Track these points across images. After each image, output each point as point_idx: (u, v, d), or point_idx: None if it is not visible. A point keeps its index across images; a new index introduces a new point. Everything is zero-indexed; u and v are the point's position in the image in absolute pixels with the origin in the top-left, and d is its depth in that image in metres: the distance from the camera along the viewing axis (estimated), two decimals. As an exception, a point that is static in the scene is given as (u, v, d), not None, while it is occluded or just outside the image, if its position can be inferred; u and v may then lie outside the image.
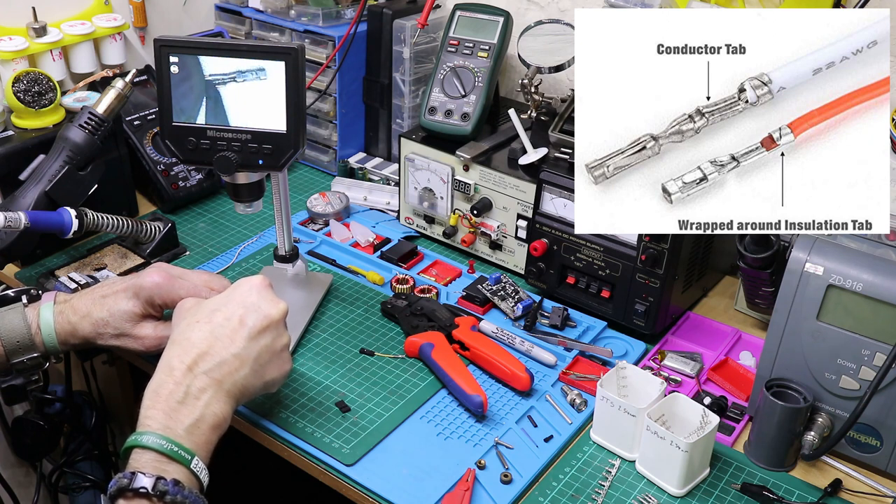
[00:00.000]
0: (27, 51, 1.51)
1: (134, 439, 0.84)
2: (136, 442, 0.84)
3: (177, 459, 0.84)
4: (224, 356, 0.92)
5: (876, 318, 0.95)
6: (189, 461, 0.84)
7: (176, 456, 0.84)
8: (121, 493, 0.81)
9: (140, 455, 0.84)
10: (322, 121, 1.65)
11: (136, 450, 0.84)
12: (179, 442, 0.85)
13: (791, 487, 1.00)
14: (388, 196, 1.56)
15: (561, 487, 0.99)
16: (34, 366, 1.07)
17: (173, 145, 1.10)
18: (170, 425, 0.86)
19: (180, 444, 0.84)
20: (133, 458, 0.84)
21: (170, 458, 0.83)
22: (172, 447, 0.84)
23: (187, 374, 0.89)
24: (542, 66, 1.32)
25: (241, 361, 0.93)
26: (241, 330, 0.94)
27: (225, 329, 0.94)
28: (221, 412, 0.90)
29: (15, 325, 1.04)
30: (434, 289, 1.29)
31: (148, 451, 0.83)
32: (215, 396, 0.90)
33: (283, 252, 1.24)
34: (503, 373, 1.12)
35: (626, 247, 1.18)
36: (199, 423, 0.87)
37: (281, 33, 1.61)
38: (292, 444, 1.03)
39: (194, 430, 0.87)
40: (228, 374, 0.92)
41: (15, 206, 1.24)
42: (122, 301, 1.07)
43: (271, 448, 1.06)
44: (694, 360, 1.18)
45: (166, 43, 1.07)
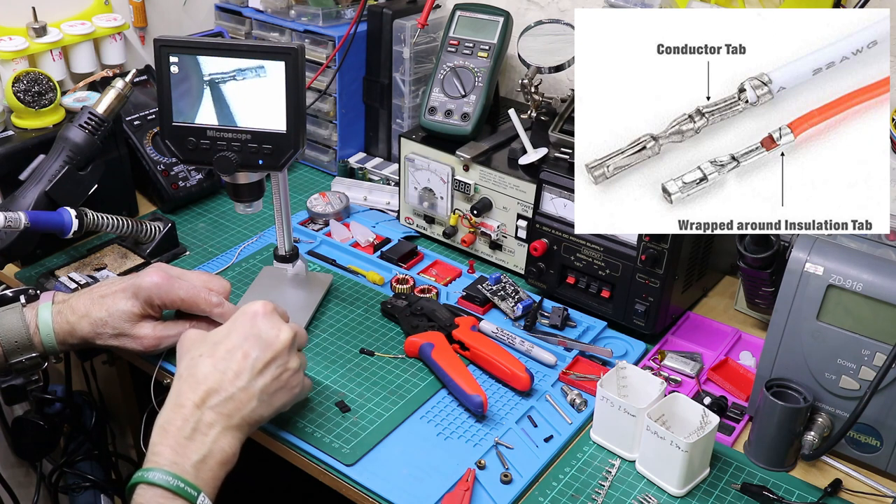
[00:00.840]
0: (27, 51, 1.51)
1: (140, 475, 0.84)
2: (143, 478, 0.84)
3: (182, 496, 0.83)
4: (231, 391, 0.92)
5: (876, 318, 0.95)
6: (195, 497, 0.84)
7: (182, 492, 0.83)
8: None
9: (145, 491, 0.83)
10: (322, 121, 1.65)
11: (141, 486, 0.84)
12: (186, 478, 0.84)
13: (791, 487, 1.00)
14: (388, 196, 1.56)
15: (561, 487, 0.99)
16: (33, 366, 1.07)
17: (173, 145, 1.10)
18: (177, 461, 0.85)
19: (187, 481, 0.84)
20: (138, 494, 0.83)
21: (175, 495, 0.83)
22: (179, 483, 0.83)
23: (195, 410, 0.89)
24: (542, 66, 1.32)
25: (249, 396, 0.93)
26: (244, 364, 0.93)
27: (230, 363, 0.93)
28: (230, 447, 0.90)
29: (13, 325, 1.04)
30: (434, 289, 1.29)
31: (154, 488, 0.83)
32: (223, 432, 0.90)
33: (283, 252, 1.24)
34: (503, 373, 1.12)
35: (626, 247, 1.18)
36: (206, 459, 0.87)
37: (281, 33, 1.61)
38: (292, 444, 1.03)
39: (202, 466, 0.86)
40: (237, 408, 0.91)
41: (15, 206, 1.24)
42: (121, 301, 1.07)
43: (271, 448, 1.06)
44: (694, 360, 1.18)
45: (166, 43, 1.07)
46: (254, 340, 0.95)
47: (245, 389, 0.92)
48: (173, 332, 1.10)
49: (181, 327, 1.10)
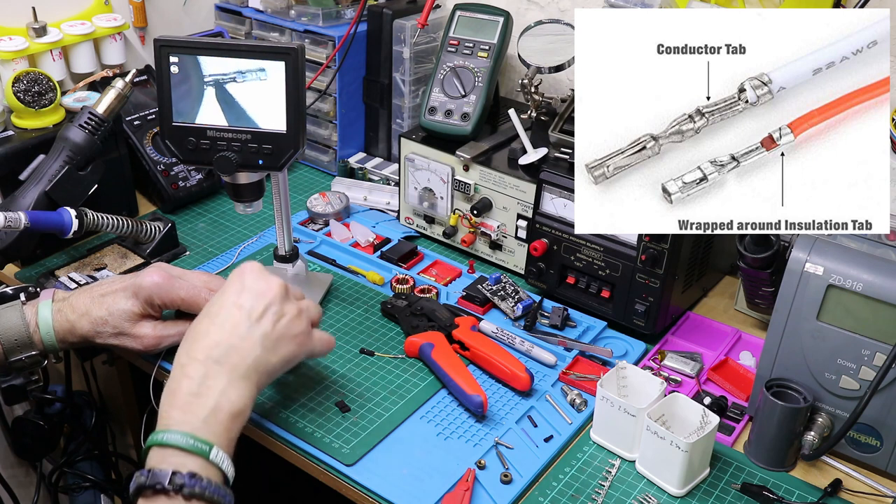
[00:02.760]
0: (27, 51, 1.51)
1: (152, 438, 0.84)
2: (154, 440, 0.84)
3: (194, 452, 0.83)
4: (232, 341, 0.92)
5: (876, 318, 0.95)
6: (207, 452, 0.83)
7: (193, 448, 0.82)
8: (139, 493, 0.80)
9: (157, 452, 0.83)
10: (322, 121, 1.65)
11: (154, 448, 0.84)
12: (195, 434, 0.83)
13: (791, 487, 1.00)
14: (388, 196, 1.56)
15: (561, 487, 0.99)
16: (32, 364, 1.06)
17: (173, 145, 1.10)
18: (186, 419, 0.85)
19: (196, 436, 0.83)
20: (150, 457, 0.83)
21: (187, 452, 0.82)
22: (188, 440, 0.83)
23: (198, 365, 0.89)
24: (542, 66, 1.32)
25: (252, 343, 0.93)
26: (240, 315, 0.94)
27: (226, 317, 0.94)
28: (239, 399, 0.89)
29: (13, 323, 1.04)
30: (434, 289, 1.29)
31: (166, 448, 0.83)
32: (230, 384, 0.89)
33: (283, 252, 1.24)
34: (503, 373, 1.12)
35: (626, 247, 1.18)
36: (215, 412, 0.86)
37: (281, 33, 1.61)
38: (292, 444, 1.03)
39: (211, 419, 0.86)
40: (240, 358, 0.91)
41: (15, 206, 1.24)
42: (121, 300, 1.07)
43: (271, 448, 1.06)
44: (694, 360, 1.18)
45: (166, 43, 1.07)
46: (245, 293, 0.96)
47: (245, 338, 0.92)
48: (173, 331, 1.10)
49: (181, 327, 1.10)
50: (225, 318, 0.94)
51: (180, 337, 1.09)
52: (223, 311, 0.94)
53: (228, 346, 0.91)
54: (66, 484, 1.68)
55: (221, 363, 0.90)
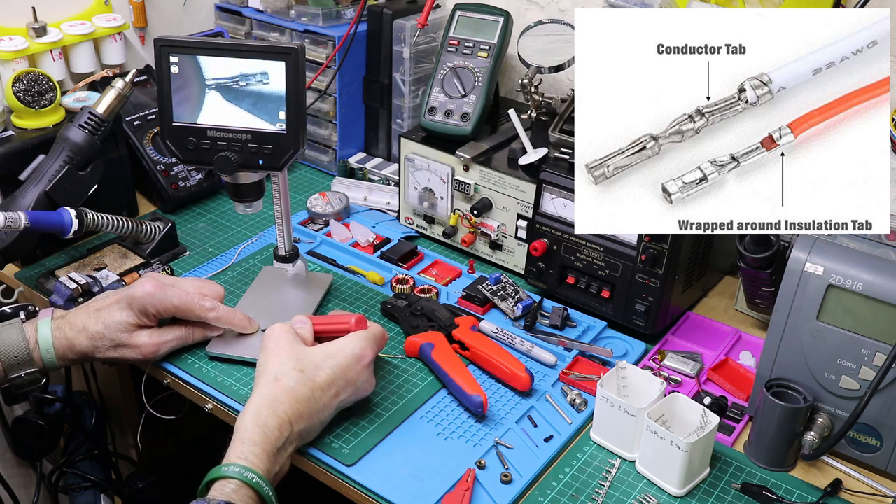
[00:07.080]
0: (27, 51, 1.51)
1: (239, 471, 0.87)
2: (241, 475, 0.87)
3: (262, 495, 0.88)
4: (313, 423, 0.98)
5: (876, 318, 0.95)
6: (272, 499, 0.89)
7: (270, 501, 0.89)
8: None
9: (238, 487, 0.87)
10: (322, 121, 1.65)
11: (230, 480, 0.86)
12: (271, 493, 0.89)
13: (791, 487, 1.00)
14: (388, 196, 1.56)
15: (561, 487, 0.99)
16: (31, 381, 1.08)
17: (173, 145, 1.10)
18: (270, 470, 0.90)
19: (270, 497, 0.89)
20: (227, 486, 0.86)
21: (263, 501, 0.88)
22: (269, 493, 0.88)
23: (289, 426, 0.94)
24: (542, 66, 1.32)
25: (321, 426, 1.00)
26: (333, 403, 0.99)
27: (323, 397, 0.98)
28: (288, 466, 0.96)
29: (13, 341, 1.05)
30: (434, 289, 1.29)
31: (247, 487, 0.87)
32: (293, 453, 0.97)
33: (283, 252, 1.24)
34: (503, 373, 1.12)
35: (626, 247, 1.18)
36: (279, 474, 0.94)
37: (281, 33, 1.61)
38: (292, 444, 1.03)
39: (275, 480, 0.93)
40: (309, 435, 0.99)
41: (15, 206, 1.24)
42: (116, 312, 1.08)
43: (271, 448, 1.06)
44: (694, 360, 1.18)
45: (166, 43, 1.07)
46: (350, 387, 1.01)
47: (323, 423, 1.00)
48: (170, 336, 1.11)
49: (178, 331, 1.12)
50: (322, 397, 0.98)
51: (178, 341, 1.11)
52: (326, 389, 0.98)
53: (310, 425, 0.97)
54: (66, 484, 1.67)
55: (299, 434, 0.96)
